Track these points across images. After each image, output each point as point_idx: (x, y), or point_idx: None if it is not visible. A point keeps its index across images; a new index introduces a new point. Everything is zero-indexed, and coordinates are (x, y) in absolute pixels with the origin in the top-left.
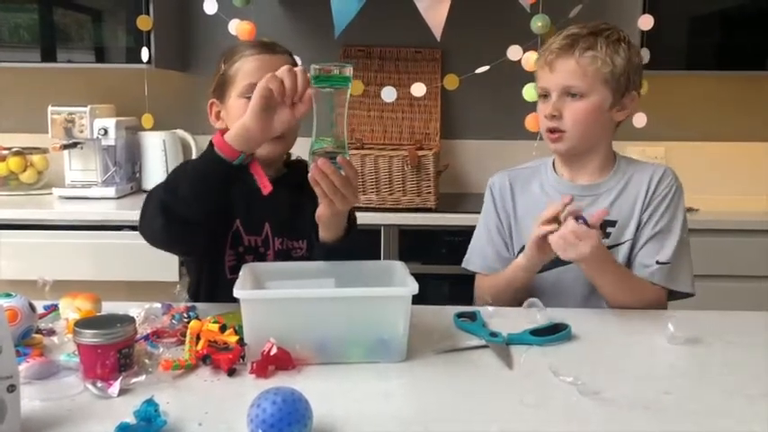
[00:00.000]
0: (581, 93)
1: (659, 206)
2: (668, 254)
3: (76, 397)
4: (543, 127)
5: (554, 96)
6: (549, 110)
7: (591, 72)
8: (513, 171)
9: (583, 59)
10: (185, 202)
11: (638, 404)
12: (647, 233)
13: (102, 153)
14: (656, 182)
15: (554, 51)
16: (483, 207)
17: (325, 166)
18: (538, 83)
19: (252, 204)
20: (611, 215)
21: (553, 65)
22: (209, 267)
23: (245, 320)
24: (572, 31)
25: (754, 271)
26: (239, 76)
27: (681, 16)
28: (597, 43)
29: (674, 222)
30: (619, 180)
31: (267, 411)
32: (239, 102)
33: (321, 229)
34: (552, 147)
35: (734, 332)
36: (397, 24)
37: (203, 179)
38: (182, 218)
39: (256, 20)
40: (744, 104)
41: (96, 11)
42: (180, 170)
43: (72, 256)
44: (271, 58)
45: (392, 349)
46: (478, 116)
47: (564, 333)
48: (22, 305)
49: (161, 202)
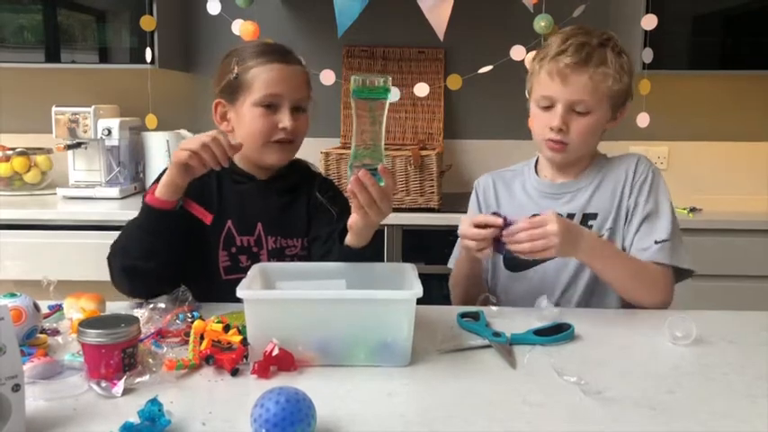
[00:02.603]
0: (588, 109)
1: (641, 191)
2: (664, 233)
3: (81, 396)
4: (543, 136)
5: (561, 109)
6: (556, 122)
7: (601, 89)
8: (497, 172)
9: (596, 75)
10: (142, 260)
11: (641, 404)
12: (637, 219)
13: (105, 153)
14: (632, 170)
15: (569, 65)
16: (468, 207)
17: (366, 178)
18: (539, 90)
19: (244, 204)
20: (591, 208)
21: (567, 77)
22: (202, 270)
23: (248, 321)
24: (581, 41)
25: (758, 271)
26: (256, 84)
27: (684, 16)
28: (608, 58)
29: (661, 204)
30: (595, 175)
31: (271, 411)
32: (256, 111)
33: (351, 237)
34: (549, 155)
35: (737, 332)
36: (400, 24)
37: (152, 234)
38: (143, 273)
39: (260, 20)
40: (747, 104)
41: (100, 11)
42: (126, 234)
43: (76, 257)
44: (288, 70)
45: (396, 353)
46: (481, 116)
47: (567, 333)
48: (26, 305)
49: (120, 269)
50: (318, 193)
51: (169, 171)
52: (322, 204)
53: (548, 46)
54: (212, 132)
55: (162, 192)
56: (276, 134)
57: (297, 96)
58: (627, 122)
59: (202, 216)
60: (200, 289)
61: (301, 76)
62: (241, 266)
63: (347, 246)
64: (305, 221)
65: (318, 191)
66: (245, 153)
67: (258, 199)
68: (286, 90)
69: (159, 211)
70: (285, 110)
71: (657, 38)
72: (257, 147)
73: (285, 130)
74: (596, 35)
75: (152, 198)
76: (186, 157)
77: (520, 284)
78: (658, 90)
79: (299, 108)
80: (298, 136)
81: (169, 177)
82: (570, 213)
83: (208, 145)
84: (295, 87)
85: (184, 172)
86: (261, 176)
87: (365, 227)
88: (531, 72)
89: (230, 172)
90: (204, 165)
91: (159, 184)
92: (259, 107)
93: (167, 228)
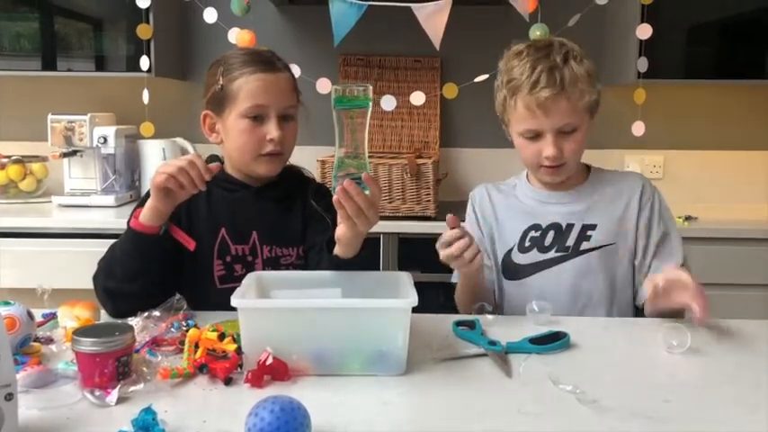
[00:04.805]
0: (574, 127)
1: (653, 214)
2: (680, 255)
3: (74, 405)
4: (538, 163)
5: (551, 137)
6: (551, 151)
7: (581, 106)
8: (490, 185)
9: (573, 96)
10: (125, 282)
11: (637, 413)
12: (653, 243)
13: (101, 161)
14: (638, 191)
15: (549, 97)
16: (465, 220)
17: (351, 187)
18: (522, 124)
19: (237, 213)
20: (590, 219)
21: (548, 109)
22: (197, 279)
23: (243, 329)
24: (548, 65)
25: (753, 279)
26: (241, 95)
27: (679, 25)
28: (577, 73)
29: (671, 226)
30: (594, 188)
31: (265, 420)
32: (242, 122)
33: (339, 248)
34: (548, 179)
35: (733, 341)
36: (396, 33)
37: (135, 257)
38: (126, 294)
39: (256, 29)
40: (742, 113)
41: (97, 20)
42: (110, 255)
43: (71, 265)
44: (273, 78)
45: (391, 362)
46: (477, 125)
47: (563, 341)
48: (20, 313)
49: (102, 289)
50: (313, 200)
51: (152, 196)
52: (317, 212)
53: (509, 71)
54: (189, 156)
55: (146, 217)
56: (265, 147)
57: (284, 105)
58: (622, 131)
59: (186, 242)
60: (195, 298)
61: (287, 82)
62: (236, 275)
63: (335, 256)
64: (300, 229)
65: (313, 198)
66: (236, 165)
67: (252, 207)
68: (272, 100)
69: (143, 235)
70: (272, 120)
71: (653, 47)
72: (247, 160)
73: (273, 141)
74: (555, 51)
75: (136, 223)
76: (164, 180)
77: (518, 291)
78: (653, 99)
79: (286, 117)
80: (287, 146)
81: (152, 203)
82: (569, 224)
83: (184, 168)
84: (281, 96)
85: (165, 197)
86: (254, 184)
87: (353, 237)
88: (505, 102)
89: (222, 180)
90: (183, 188)
91: (144, 209)
92: (245, 119)
93: (151, 251)
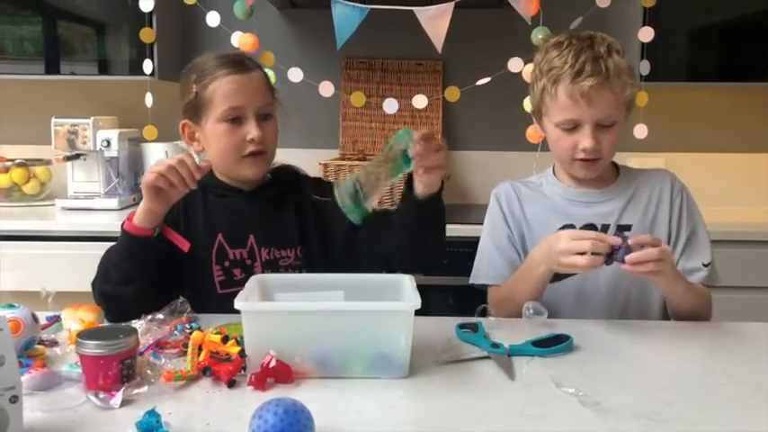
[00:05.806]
0: (613, 121)
1: (682, 213)
2: (708, 254)
3: (79, 408)
4: (573, 156)
5: (590, 129)
6: (589, 143)
7: (622, 99)
8: (515, 182)
9: (617, 88)
10: (120, 286)
11: (639, 415)
12: (682, 241)
13: (104, 164)
14: (668, 189)
15: (594, 86)
16: (488, 219)
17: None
18: (562, 114)
19: (232, 217)
20: (624, 219)
21: (592, 99)
22: (198, 285)
23: (246, 332)
24: (592, 55)
25: (755, 282)
26: (216, 99)
27: (681, 28)
28: (620, 65)
29: (699, 224)
30: (626, 187)
31: (269, 422)
32: (221, 126)
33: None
34: (583, 173)
35: (735, 343)
36: (398, 36)
37: (129, 260)
38: (121, 297)
39: (259, 32)
40: (744, 116)
41: (100, 23)
42: (106, 259)
43: (75, 268)
44: (246, 78)
45: (394, 365)
46: (480, 128)
47: (566, 344)
48: (24, 316)
49: (98, 293)
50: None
51: (144, 197)
52: (326, 203)
53: (549, 61)
54: (179, 155)
55: (140, 218)
56: (246, 147)
57: (260, 104)
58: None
59: (180, 244)
60: (197, 303)
61: (260, 81)
62: (236, 280)
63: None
64: (296, 229)
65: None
66: (221, 170)
67: (247, 210)
68: (247, 100)
69: (137, 237)
70: (250, 120)
71: (655, 50)
72: (230, 164)
73: (254, 141)
74: (598, 42)
75: (129, 225)
76: (153, 179)
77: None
78: (656, 102)
79: (265, 115)
80: (269, 144)
81: (145, 204)
82: (605, 225)
83: (174, 167)
84: (256, 95)
85: (156, 196)
86: (245, 188)
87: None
88: (544, 92)
89: (215, 186)
90: (173, 186)
91: (137, 211)
92: (223, 123)
93: (145, 254)
